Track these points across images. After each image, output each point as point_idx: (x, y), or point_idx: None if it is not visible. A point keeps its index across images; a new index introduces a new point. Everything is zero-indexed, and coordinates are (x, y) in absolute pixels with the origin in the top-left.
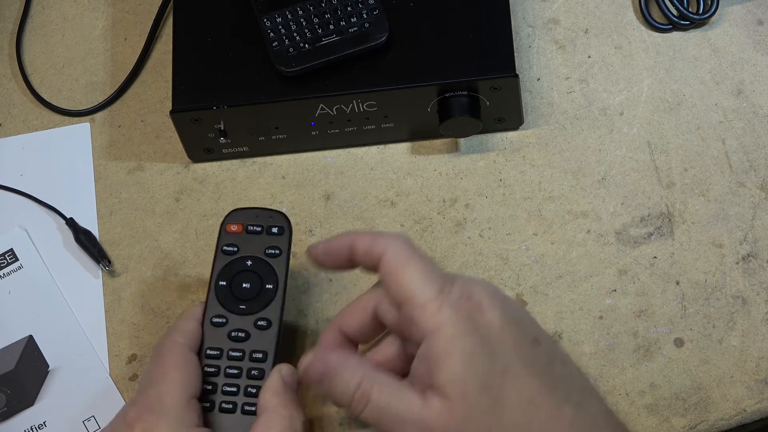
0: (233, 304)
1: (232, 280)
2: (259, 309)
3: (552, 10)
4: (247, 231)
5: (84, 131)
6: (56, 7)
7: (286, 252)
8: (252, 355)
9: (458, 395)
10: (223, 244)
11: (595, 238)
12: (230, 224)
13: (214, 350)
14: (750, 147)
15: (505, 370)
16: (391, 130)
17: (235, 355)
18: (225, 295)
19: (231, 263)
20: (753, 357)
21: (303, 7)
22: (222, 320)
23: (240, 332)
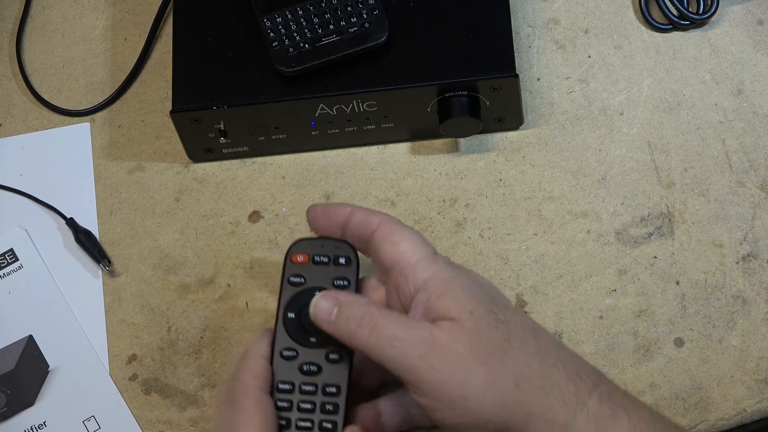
0: (303, 337)
1: (300, 312)
2: (330, 342)
3: (552, 10)
4: (313, 261)
5: (84, 131)
6: (56, 7)
7: (354, 283)
8: (325, 389)
9: (466, 314)
10: (289, 275)
11: (595, 238)
12: (296, 254)
13: (285, 384)
14: (750, 147)
15: (505, 305)
16: (391, 130)
17: (308, 389)
18: (294, 327)
19: (298, 294)
20: (753, 357)
21: (303, 7)
22: (292, 353)
23: (312, 365)
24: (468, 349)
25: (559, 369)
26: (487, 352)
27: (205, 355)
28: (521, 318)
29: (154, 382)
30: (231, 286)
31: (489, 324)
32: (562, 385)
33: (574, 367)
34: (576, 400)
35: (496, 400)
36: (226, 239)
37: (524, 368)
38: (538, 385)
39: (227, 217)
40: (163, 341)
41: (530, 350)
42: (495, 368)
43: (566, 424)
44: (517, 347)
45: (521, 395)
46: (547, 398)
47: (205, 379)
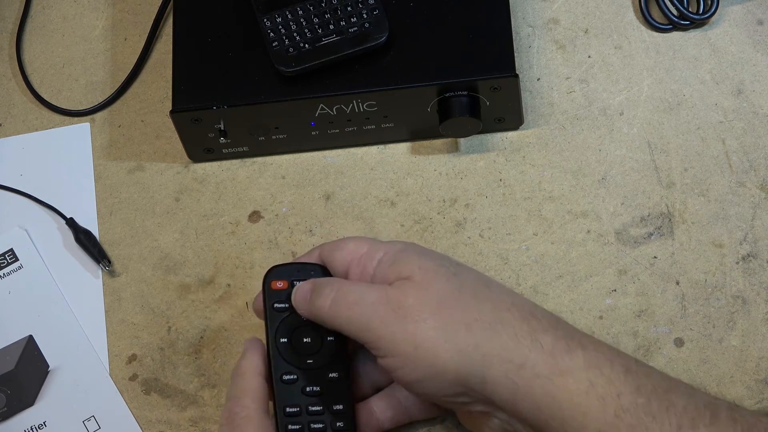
0: (299, 360)
1: (292, 335)
2: (327, 362)
3: (552, 10)
4: (292, 285)
5: (84, 131)
6: (56, 7)
7: None
8: (332, 408)
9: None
10: (272, 302)
11: (595, 238)
12: (275, 281)
13: (293, 407)
14: (750, 147)
15: (458, 263)
16: (391, 130)
17: (316, 410)
18: (288, 351)
19: (286, 319)
20: (753, 357)
21: (303, 7)
22: (293, 377)
23: (314, 386)
24: (417, 301)
25: (513, 312)
26: (436, 301)
27: (205, 355)
28: (474, 272)
29: (154, 382)
30: (231, 286)
31: (439, 276)
32: (516, 325)
33: (529, 310)
34: (531, 338)
35: (449, 345)
36: (226, 239)
37: (475, 313)
38: (491, 327)
39: (227, 217)
40: (163, 341)
41: (482, 297)
42: (445, 315)
43: (522, 363)
44: (468, 295)
45: (473, 337)
46: (501, 338)
47: (205, 379)
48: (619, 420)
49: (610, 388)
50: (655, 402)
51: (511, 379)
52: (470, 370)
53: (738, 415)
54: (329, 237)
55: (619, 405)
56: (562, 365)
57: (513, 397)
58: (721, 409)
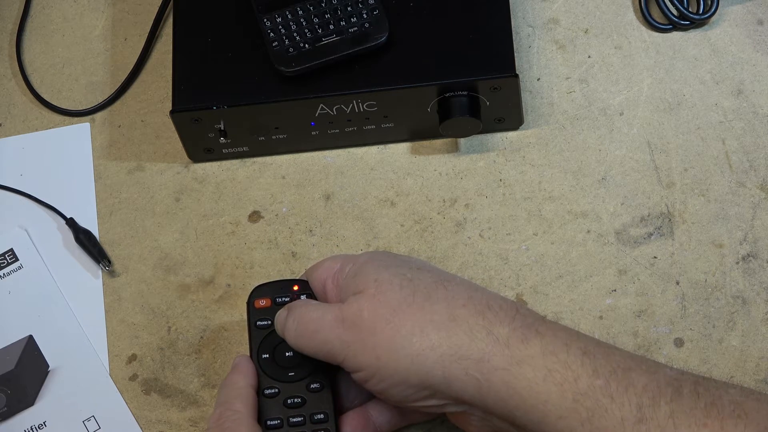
0: (281, 374)
1: (274, 351)
2: (308, 373)
3: (552, 10)
4: (275, 303)
5: (84, 131)
6: (56, 7)
7: None
8: (312, 417)
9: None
10: (255, 320)
11: (595, 238)
12: (258, 300)
13: (274, 420)
14: (750, 147)
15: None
16: (391, 130)
17: (297, 421)
18: (271, 367)
19: (268, 336)
20: (753, 357)
21: (303, 7)
22: (274, 391)
23: (295, 398)
24: (371, 313)
25: (468, 308)
26: (390, 310)
27: (205, 355)
28: (433, 273)
29: (154, 382)
30: (231, 286)
31: (393, 285)
32: (470, 321)
33: (485, 303)
34: (486, 332)
35: (405, 351)
36: (226, 239)
37: (429, 315)
38: (444, 326)
39: (227, 217)
40: (163, 341)
41: (436, 299)
42: (399, 323)
43: (480, 358)
44: (421, 299)
45: (427, 340)
46: (455, 336)
47: (205, 379)
48: (577, 404)
49: (567, 372)
50: (613, 383)
51: (471, 375)
52: (431, 372)
53: (702, 389)
54: (329, 237)
55: (576, 389)
56: (519, 355)
57: (478, 393)
58: (684, 384)
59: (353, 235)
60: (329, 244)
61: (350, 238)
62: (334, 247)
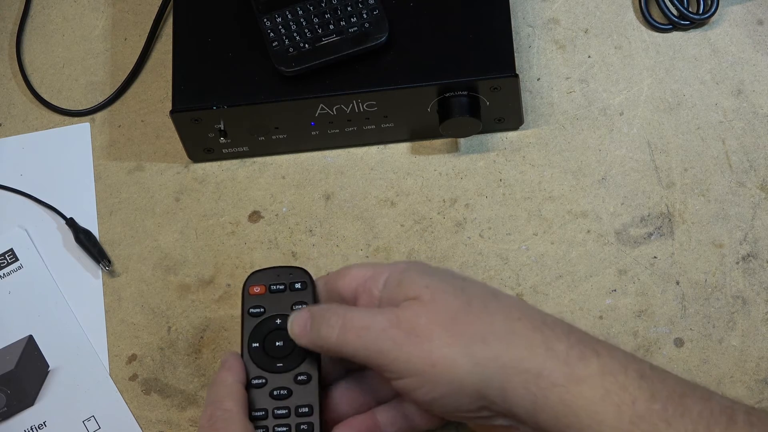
0: (270, 364)
1: (265, 340)
2: (297, 364)
3: (552, 10)
4: (270, 291)
5: (84, 131)
6: (56, 7)
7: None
8: (298, 410)
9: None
10: (248, 307)
11: (595, 238)
12: (252, 287)
13: (259, 411)
14: (750, 147)
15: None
16: (391, 130)
17: (281, 413)
18: (260, 356)
19: (260, 324)
20: (753, 357)
21: (303, 7)
22: (261, 381)
23: (282, 390)
24: (429, 319)
25: (524, 322)
26: (448, 318)
27: (205, 355)
28: (480, 284)
29: (154, 382)
30: (231, 286)
31: (447, 293)
32: (529, 335)
33: (540, 318)
34: (545, 347)
35: (466, 359)
36: (226, 239)
37: (488, 326)
38: (505, 338)
39: (227, 217)
40: (163, 341)
41: (492, 309)
42: (458, 330)
43: (539, 373)
44: (478, 308)
45: (489, 350)
46: (516, 349)
47: (205, 379)
48: (634, 426)
49: (625, 395)
50: (670, 408)
51: (529, 389)
52: (489, 383)
53: (755, 418)
54: (329, 237)
55: (634, 412)
56: (577, 373)
57: (533, 408)
58: (738, 413)
59: (353, 235)
60: (329, 244)
61: (350, 238)
62: (334, 247)
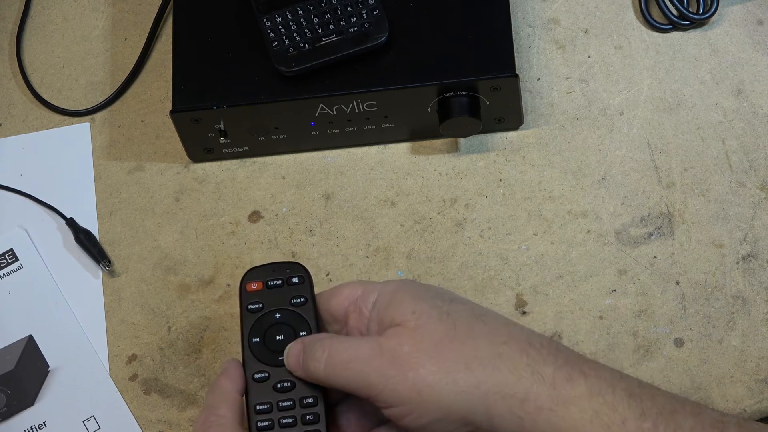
0: (271, 358)
1: (265, 335)
2: None
3: (552, 10)
4: (267, 287)
5: (84, 131)
6: (56, 7)
7: (310, 298)
8: (302, 401)
9: (408, 315)
10: (247, 304)
11: (595, 238)
12: (249, 283)
13: (263, 405)
14: (750, 147)
15: (451, 299)
16: (391, 130)
17: (286, 405)
18: (261, 350)
19: (260, 319)
20: (753, 357)
21: (303, 7)
22: (264, 375)
23: (285, 383)
24: (413, 347)
25: (510, 345)
26: (432, 345)
27: (205, 355)
28: (468, 306)
29: (154, 382)
30: (231, 286)
31: (432, 318)
32: (515, 358)
33: (526, 340)
34: (531, 370)
35: (450, 387)
36: (226, 239)
37: (472, 351)
38: (489, 363)
39: (227, 217)
40: (163, 341)
41: (477, 334)
42: (442, 357)
43: (525, 397)
44: (463, 333)
45: (473, 377)
46: (501, 374)
47: (205, 379)
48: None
49: (614, 415)
50: (661, 425)
51: (515, 414)
52: (475, 409)
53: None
54: (329, 237)
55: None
56: (565, 395)
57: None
58: (728, 426)
59: (353, 235)
60: (329, 244)
61: (350, 238)
62: (334, 247)
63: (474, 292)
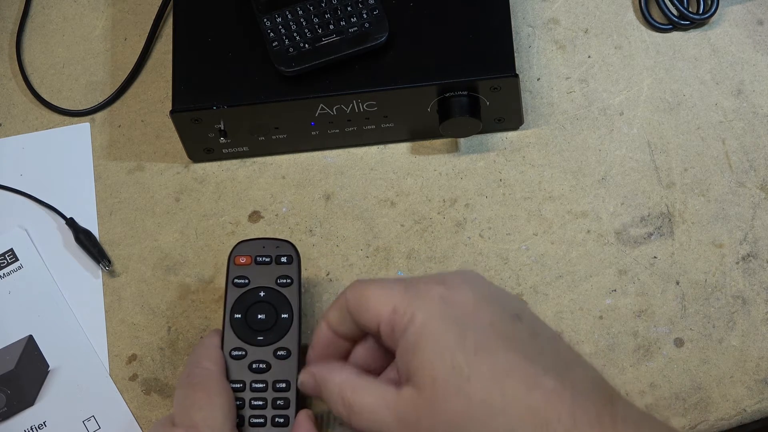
0: (251, 336)
1: (247, 312)
2: (277, 339)
3: (552, 10)
4: (256, 262)
5: (84, 131)
6: (56, 7)
7: (297, 280)
8: (275, 385)
9: (428, 382)
10: (233, 277)
11: (595, 238)
12: (238, 257)
13: (236, 383)
14: (750, 147)
15: (477, 348)
16: (391, 130)
17: (259, 386)
18: (241, 327)
19: (243, 295)
20: (753, 357)
21: (303, 7)
22: (241, 353)
23: (261, 363)
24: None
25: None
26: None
27: None
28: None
29: (154, 382)
30: None
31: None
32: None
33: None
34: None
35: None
36: (226, 239)
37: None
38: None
39: (227, 217)
40: (163, 341)
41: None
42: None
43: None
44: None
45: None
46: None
47: None
48: None
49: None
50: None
51: None
52: None
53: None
54: (329, 237)
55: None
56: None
57: None
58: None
59: (353, 235)
60: (329, 244)
61: (350, 238)
62: (334, 247)
63: None
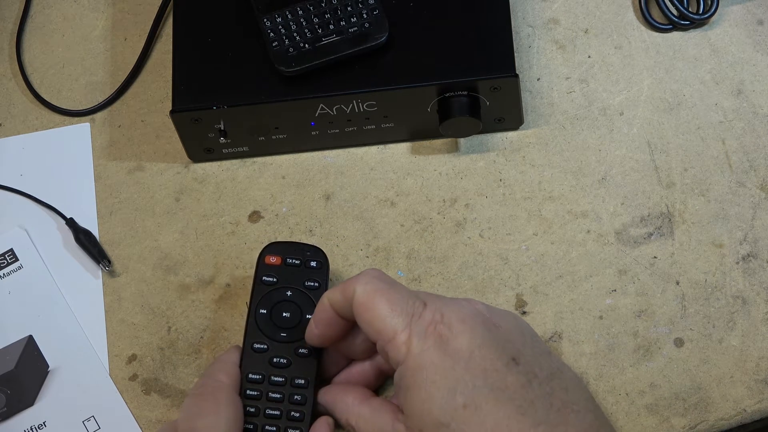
0: (274, 332)
1: (272, 308)
2: (300, 337)
3: (552, 10)
4: (285, 263)
5: (84, 131)
6: (56, 7)
7: (324, 285)
8: (294, 381)
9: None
10: (262, 275)
11: (595, 238)
12: (269, 256)
13: (256, 375)
14: (750, 147)
15: (466, 404)
16: (391, 130)
17: (278, 380)
18: (265, 322)
19: (271, 293)
20: (753, 357)
21: (303, 7)
22: (263, 347)
23: (282, 359)
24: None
25: None
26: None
27: (205, 355)
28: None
29: (154, 382)
30: (231, 286)
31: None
32: None
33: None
34: None
35: None
36: (226, 239)
37: None
38: None
39: (227, 217)
40: (163, 341)
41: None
42: None
43: None
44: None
45: None
46: None
47: None
48: None
49: None
50: None
51: None
52: None
53: None
54: (329, 237)
55: None
56: None
57: None
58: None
59: (353, 235)
60: (329, 244)
61: (350, 238)
62: (334, 247)
63: (474, 292)
